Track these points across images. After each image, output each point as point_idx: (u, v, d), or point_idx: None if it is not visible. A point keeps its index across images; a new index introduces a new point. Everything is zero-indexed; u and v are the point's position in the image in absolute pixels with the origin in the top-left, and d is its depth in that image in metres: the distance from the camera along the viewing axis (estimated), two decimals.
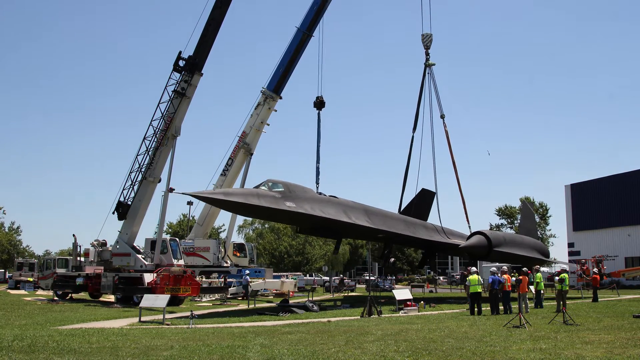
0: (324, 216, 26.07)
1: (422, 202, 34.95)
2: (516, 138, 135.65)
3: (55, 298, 32.10)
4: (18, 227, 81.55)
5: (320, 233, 30.04)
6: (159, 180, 32.11)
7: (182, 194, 27.55)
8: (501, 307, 22.15)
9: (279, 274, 52.89)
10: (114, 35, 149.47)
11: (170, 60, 42.67)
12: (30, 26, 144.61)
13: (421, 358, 11.09)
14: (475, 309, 21.73)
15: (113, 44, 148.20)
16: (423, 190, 34.67)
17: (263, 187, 24.99)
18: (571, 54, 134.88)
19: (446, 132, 33.19)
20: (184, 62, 31.58)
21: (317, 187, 28.87)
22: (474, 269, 23.45)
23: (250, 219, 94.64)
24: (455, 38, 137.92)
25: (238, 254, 41.27)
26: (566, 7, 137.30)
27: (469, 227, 32.60)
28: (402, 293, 25.07)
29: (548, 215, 73.75)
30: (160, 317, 19.33)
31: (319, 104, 31.85)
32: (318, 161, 30.84)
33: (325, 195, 28.15)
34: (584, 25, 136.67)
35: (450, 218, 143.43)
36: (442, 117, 33.14)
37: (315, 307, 23.95)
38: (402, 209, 34.02)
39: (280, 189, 25.08)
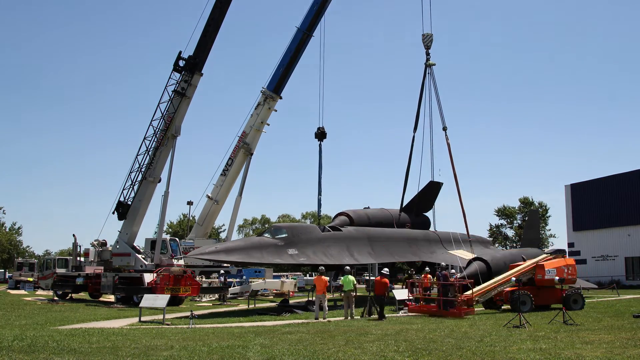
0: (327, 263, 26.55)
1: (428, 194, 34.93)
2: (516, 138, 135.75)
3: (55, 298, 32.12)
4: (19, 228, 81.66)
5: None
6: (159, 180, 32.14)
7: (183, 257, 29.28)
8: None
9: (279, 274, 52.84)
10: (114, 35, 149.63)
11: (170, 60, 42.68)
12: (29, 25, 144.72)
13: (421, 358, 11.08)
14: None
15: (113, 44, 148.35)
16: (431, 182, 34.53)
17: (266, 235, 25.59)
18: (571, 54, 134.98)
19: (448, 144, 32.00)
20: (184, 62, 31.60)
21: (319, 221, 28.92)
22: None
23: (251, 218, 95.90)
24: (456, 36, 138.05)
25: None
26: (566, 6, 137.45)
27: (470, 242, 32.43)
28: (402, 293, 25.02)
29: (548, 215, 73.78)
30: (160, 317, 19.34)
31: (320, 134, 31.29)
32: (320, 193, 30.46)
33: (329, 230, 28.18)
34: (584, 25, 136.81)
35: (451, 215, 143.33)
36: (445, 129, 32.24)
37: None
38: (406, 203, 34.23)
39: (284, 235, 25.41)
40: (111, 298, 31.32)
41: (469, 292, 21.86)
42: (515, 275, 23.02)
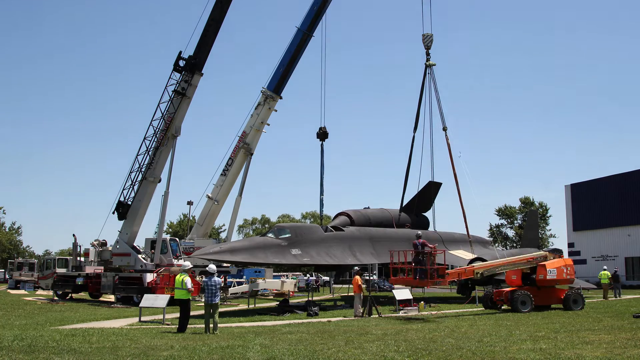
0: (330, 263, 26.71)
1: (427, 194, 34.98)
2: (516, 138, 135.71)
3: (55, 298, 32.13)
4: (19, 228, 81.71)
5: (324, 270, 30.64)
6: (159, 180, 32.12)
7: (189, 257, 29.74)
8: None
9: (279, 274, 52.80)
10: (114, 35, 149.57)
11: (170, 60, 42.70)
12: (29, 25, 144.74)
13: (421, 358, 11.08)
14: None
15: (113, 44, 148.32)
16: (430, 182, 34.48)
17: (270, 235, 25.77)
18: (571, 53, 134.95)
19: (448, 145, 31.92)
20: (184, 62, 31.56)
21: (321, 221, 28.99)
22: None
23: (250, 218, 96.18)
24: (456, 36, 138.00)
25: None
26: (565, 5, 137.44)
27: (470, 242, 32.40)
28: (402, 293, 25.01)
29: (548, 215, 73.81)
30: (160, 317, 19.35)
31: (322, 134, 31.25)
32: (322, 193, 30.41)
33: (332, 230, 28.23)
34: (584, 24, 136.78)
35: (452, 215, 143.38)
36: (445, 129, 32.03)
37: (315, 309, 23.57)
38: (405, 203, 34.23)
39: (287, 235, 25.59)
40: (111, 298, 31.33)
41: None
42: (517, 261, 23.64)
